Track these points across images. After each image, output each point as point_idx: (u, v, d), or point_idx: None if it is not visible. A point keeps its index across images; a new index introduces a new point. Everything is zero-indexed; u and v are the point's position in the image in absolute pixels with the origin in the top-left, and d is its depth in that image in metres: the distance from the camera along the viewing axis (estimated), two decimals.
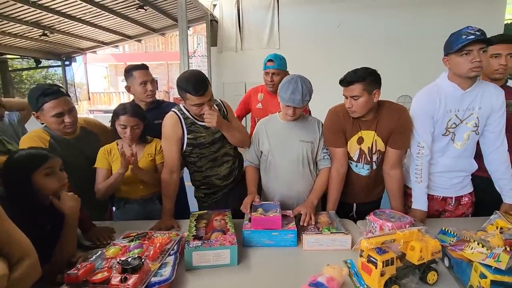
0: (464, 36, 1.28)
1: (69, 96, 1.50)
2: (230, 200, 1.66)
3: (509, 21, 6.85)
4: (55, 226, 1.09)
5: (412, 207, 1.49)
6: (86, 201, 1.22)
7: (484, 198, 1.53)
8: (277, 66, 1.96)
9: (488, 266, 0.87)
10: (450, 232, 1.13)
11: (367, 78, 1.35)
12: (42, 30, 5.86)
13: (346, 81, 1.38)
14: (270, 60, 1.98)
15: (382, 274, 0.91)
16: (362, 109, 1.39)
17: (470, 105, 1.38)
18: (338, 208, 1.54)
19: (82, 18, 5.77)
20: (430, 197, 1.54)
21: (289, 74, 1.90)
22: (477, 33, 1.26)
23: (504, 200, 1.45)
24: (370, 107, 1.40)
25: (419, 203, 1.47)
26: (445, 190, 1.52)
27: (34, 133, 1.47)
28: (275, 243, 1.25)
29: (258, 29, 7.02)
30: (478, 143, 1.48)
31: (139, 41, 8.31)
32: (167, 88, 12.40)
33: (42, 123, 1.49)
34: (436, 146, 1.47)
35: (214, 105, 1.62)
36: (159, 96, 10.47)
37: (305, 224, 1.34)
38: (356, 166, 1.55)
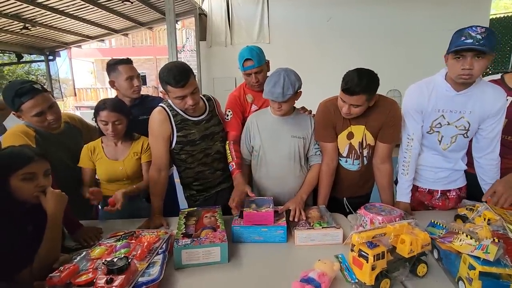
0: (463, 38, 1.18)
1: (47, 91, 1.41)
2: (220, 199, 1.63)
3: (494, 16, 6.98)
4: (38, 228, 1.03)
5: (396, 199, 1.51)
6: (71, 199, 1.17)
7: (478, 195, 1.49)
8: (258, 63, 1.60)
9: (476, 258, 0.88)
10: (439, 224, 1.14)
11: (371, 86, 1.29)
12: (23, 23, 5.63)
13: (351, 91, 1.28)
14: (248, 60, 1.61)
15: (373, 268, 0.91)
16: (358, 114, 1.38)
17: (461, 108, 1.33)
18: (328, 203, 1.53)
19: (65, 11, 5.57)
20: (415, 188, 1.56)
21: (269, 64, 1.71)
22: (478, 36, 1.15)
23: None
24: (364, 110, 1.38)
25: (403, 195, 1.49)
26: (432, 183, 1.54)
27: (18, 129, 1.38)
28: (265, 239, 1.24)
29: (248, 23, 6.95)
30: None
31: (126, 35, 8.11)
32: (156, 83, 12.19)
33: None
34: (423, 142, 1.48)
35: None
36: (148, 91, 10.29)
37: (295, 220, 1.33)
38: (346, 162, 1.55)
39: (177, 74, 1.32)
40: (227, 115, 1.67)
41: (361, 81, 1.26)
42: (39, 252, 1.00)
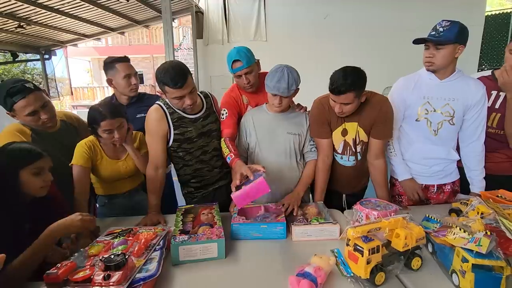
0: (431, 31, 1.35)
1: (39, 90, 1.38)
2: (218, 196, 1.63)
3: (489, 13, 7.01)
4: (35, 229, 1.02)
5: (399, 180, 1.56)
6: (68, 197, 1.17)
7: (466, 188, 1.56)
8: (246, 64, 1.55)
9: (469, 251, 0.90)
10: (434, 218, 1.16)
11: (357, 83, 1.31)
12: (17, 22, 5.57)
13: (337, 90, 1.31)
14: (236, 61, 1.55)
15: (368, 262, 0.92)
16: (351, 111, 1.40)
17: (446, 95, 1.42)
18: (327, 199, 1.55)
19: (61, 9, 5.52)
20: None
21: (259, 63, 1.66)
22: (440, 29, 1.33)
23: (472, 190, 1.51)
24: (357, 107, 1.41)
25: (403, 173, 1.54)
26: (427, 178, 1.56)
27: (14, 128, 1.38)
28: (264, 235, 1.24)
29: (244, 21, 6.93)
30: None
31: (122, 33, 8.04)
32: (153, 82, 12.13)
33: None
34: (413, 132, 1.52)
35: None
36: (145, 90, 10.24)
37: (285, 215, 1.34)
38: (342, 158, 1.56)
39: (175, 75, 1.32)
40: (222, 114, 1.63)
41: (345, 80, 1.29)
42: (12, 263, 0.92)
